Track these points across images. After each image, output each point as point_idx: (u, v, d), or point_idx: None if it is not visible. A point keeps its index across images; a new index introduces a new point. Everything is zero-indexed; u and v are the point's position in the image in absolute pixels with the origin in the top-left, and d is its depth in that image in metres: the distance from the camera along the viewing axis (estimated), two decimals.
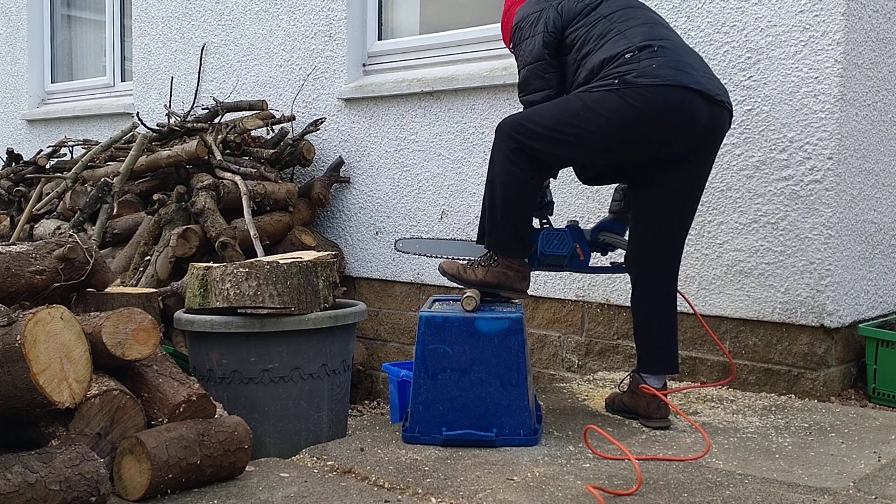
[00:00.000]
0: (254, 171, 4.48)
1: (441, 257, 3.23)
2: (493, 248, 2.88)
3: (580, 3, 2.86)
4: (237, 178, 4.33)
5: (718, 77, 3.46)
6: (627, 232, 3.02)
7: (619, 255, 3.38)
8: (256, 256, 3.87)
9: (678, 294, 2.92)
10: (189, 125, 4.78)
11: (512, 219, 2.82)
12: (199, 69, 5.54)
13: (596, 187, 3.69)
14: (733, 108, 2.91)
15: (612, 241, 3.09)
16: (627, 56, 2.68)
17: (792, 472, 2.38)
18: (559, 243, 2.97)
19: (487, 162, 4.27)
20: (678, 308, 2.92)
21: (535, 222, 3.01)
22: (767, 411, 3.07)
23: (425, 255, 3.36)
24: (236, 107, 4.96)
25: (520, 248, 2.87)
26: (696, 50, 3.53)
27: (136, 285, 4.05)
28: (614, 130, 2.69)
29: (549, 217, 3.08)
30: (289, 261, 3.02)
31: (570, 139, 2.73)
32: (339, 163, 4.74)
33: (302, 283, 3.00)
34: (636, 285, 2.90)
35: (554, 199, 3.08)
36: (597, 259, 3.37)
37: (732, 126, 3.44)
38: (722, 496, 2.19)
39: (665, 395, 2.84)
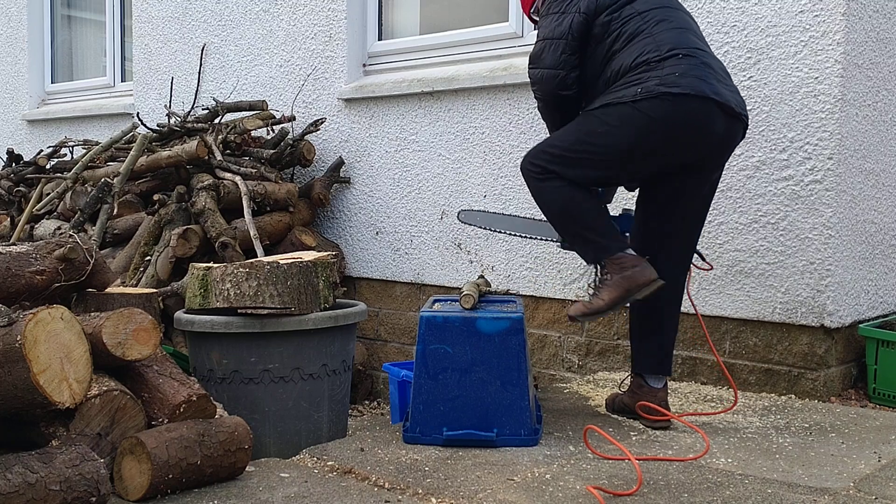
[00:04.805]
0: (254, 171, 4.48)
1: (503, 232, 3.31)
2: (596, 261, 2.79)
3: None
4: (237, 179, 4.33)
5: None
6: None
7: None
8: (256, 256, 3.87)
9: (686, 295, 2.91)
10: (189, 125, 4.78)
11: (584, 226, 2.76)
12: (200, 69, 5.54)
13: None
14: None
15: None
16: (653, 63, 2.66)
17: (792, 473, 2.38)
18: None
19: (487, 163, 4.28)
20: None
21: None
22: (767, 411, 3.07)
23: (488, 229, 3.37)
24: (236, 107, 4.96)
25: (614, 243, 2.76)
26: None
27: (136, 285, 4.05)
28: (633, 143, 2.67)
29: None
30: (289, 261, 3.02)
31: (591, 157, 2.71)
32: (340, 163, 4.74)
33: (302, 283, 3.00)
34: None
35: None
36: None
37: None
38: (722, 496, 2.19)
39: (659, 407, 2.83)
